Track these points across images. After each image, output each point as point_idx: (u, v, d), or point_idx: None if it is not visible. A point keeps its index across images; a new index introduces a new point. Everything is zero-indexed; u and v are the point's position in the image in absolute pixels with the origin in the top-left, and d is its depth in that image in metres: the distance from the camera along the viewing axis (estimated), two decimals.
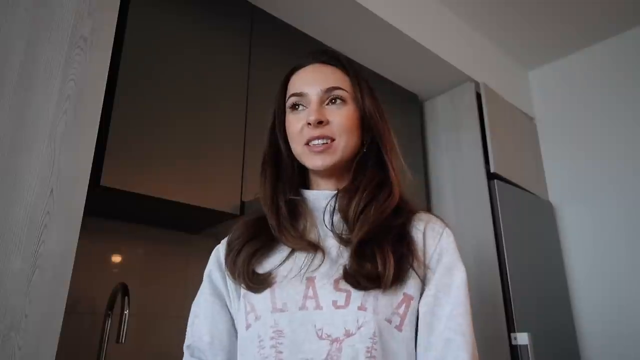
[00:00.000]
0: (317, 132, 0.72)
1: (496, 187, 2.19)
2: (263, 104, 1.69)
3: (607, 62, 2.59)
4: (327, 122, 0.72)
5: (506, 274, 2.05)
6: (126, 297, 1.39)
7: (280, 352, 0.62)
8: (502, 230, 2.11)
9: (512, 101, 2.62)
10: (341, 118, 0.73)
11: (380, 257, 0.65)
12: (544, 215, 2.49)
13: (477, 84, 2.43)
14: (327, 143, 0.72)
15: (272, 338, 0.63)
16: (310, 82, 0.75)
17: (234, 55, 1.70)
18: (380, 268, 0.64)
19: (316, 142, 0.72)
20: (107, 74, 1.23)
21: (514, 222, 2.21)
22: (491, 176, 2.25)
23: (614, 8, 2.38)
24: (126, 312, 1.36)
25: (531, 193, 2.48)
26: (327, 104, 0.74)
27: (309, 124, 0.71)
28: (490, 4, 2.36)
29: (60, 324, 1.01)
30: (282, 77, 0.82)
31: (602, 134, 2.51)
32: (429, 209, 2.34)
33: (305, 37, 2.00)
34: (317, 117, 0.71)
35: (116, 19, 1.28)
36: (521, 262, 2.15)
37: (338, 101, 0.74)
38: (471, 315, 0.68)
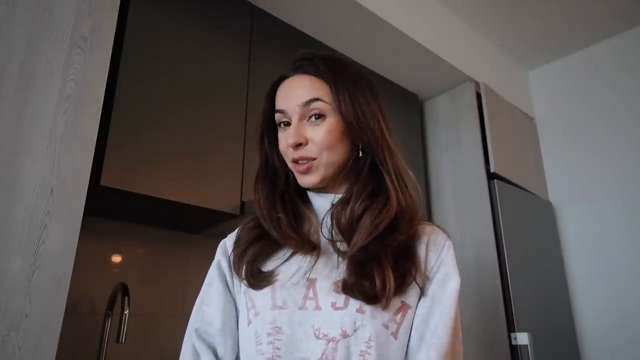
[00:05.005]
0: (298, 154, 0.71)
1: (496, 187, 2.19)
2: (263, 104, 1.69)
3: (607, 61, 2.59)
4: (307, 142, 0.71)
5: (506, 274, 2.05)
6: (126, 297, 1.39)
7: (278, 349, 0.62)
8: (502, 230, 2.11)
9: (512, 101, 2.62)
10: (320, 135, 0.71)
11: (379, 275, 0.64)
12: (544, 215, 2.49)
13: (477, 84, 2.43)
14: (309, 162, 0.71)
15: (269, 334, 0.63)
16: (288, 97, 0.74)
17: (234, 55, 1.70)
18: (378, 287, 0.63)
19: (301, 161, 0.72)
20: (107, 74, 1.23)
21: (514, 222, 2.21)
22: (491, 176, 2.25)
23: (614, 8, 2.38)
24: (126, 312, 1.36)
25: (531, 193, 2.48)
26: (309, 120, 0.72)
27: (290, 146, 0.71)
28: (491, 4, 2.35)
29: (60, 324, 1.01)
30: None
31: (602, 133, 2.51)
32: (429, 209, 2.36)
33: (305, 37, 2.00)
34: (295, 140, 0.70)
35: (116, 19, 1.28)
36: (521, 262, 2.15)
37: (318, 117, 0.71)
38: (455, 321, 0.68)
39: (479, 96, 2.40)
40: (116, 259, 1.59)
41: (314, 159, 0.71)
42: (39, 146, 1.07)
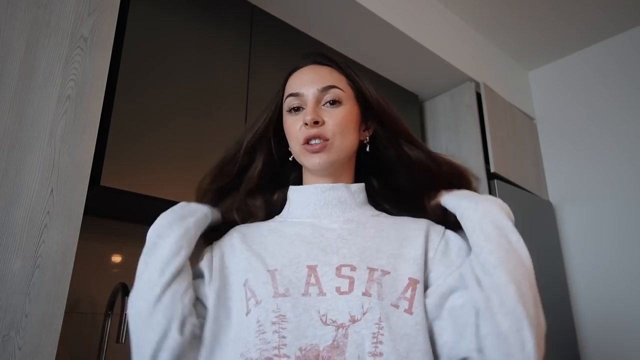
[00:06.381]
0: (314, 131, 0.73)
1: (496, 187, 2.19)
2: (263, 103, 1.69)
3: (606, 62, 2.59)
4: (323, 123, 0.74)
5: None
6: (126, 297, 1.39)
7: (284, 337, 0.61)
8: None
9: (512, 101, 2.62)
10: (336, 119, 0.74)
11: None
12: (544, 215, 2.49)
13: (477, 84, 2.43)
14: (322, 142, 0.73)
15: (274, 323, 0.62)
16: (307, 82, 0.77)
17: (234, 55, 1.70)
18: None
19: (313, 141, 0.74)
20: (107, 74, 1.23)
21: (514, 222, 2.20)
22: (491, 176, 2.25)
23: (614, 8, 2.38)
24: (126, 312, 1.36)
25: (531, 193, 2.48)
26: (324, 105, 0.75)
27: (306, 123, 0.73)
28: (491, 4, 2.36)
29: (60, 323, 1.01)
30: (282, 76, 0.83)
31: (602, 133, 2.51)
32: None
33: (305, 37, 2.00)
34: (313, 117, 0.73)
35: (116, 19, 1.28)
36: None
37: (334, 102, 0.75)
38: None
39: (479, 96, 2.40)
40: (116, 259, 1.59)
41: (328, 139, 0.73)
42: (39, 146, 1.07)
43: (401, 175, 0.79)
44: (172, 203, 1.39)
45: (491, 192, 2.20)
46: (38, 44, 1.12)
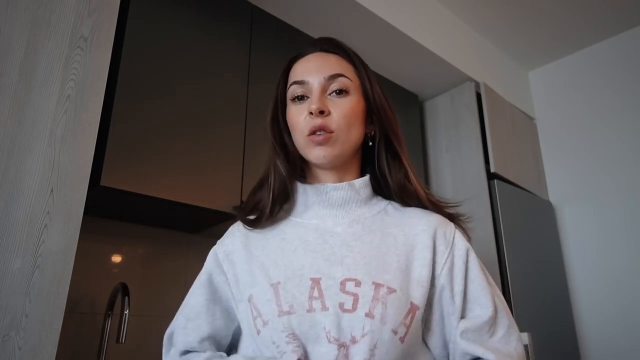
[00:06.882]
0: (319, 121, 0.69)
1: (496, 187, 2.19)
2: (263, 103, 1.69)
3: (607, 62, 2.59)
4: (329, 113, 0.69)
5: (506, 274, 2.05)
6: (126, 297, 1.39)
7: (302, 352, 0.61)
8: (502, 230, 2.11)
9: (512, 101, 2.62)
10: (343, 109, 0.70)
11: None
12: (544, 215, 2.49)
13: (477, 84, 2.43)
14: (326, 134, 0.69)
15: (288, 343, 0.61)
16: (313, 70, 0.73)
17: (234, 54, 1.70)
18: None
19: (318, 132, 0.69)
20: (107, 74, 1.23)
21: (514, 222, 2.21)
22: (491, 176, 2.25)
23: (614, 8, 2.38)
24: (126, 312, 1.36)
25: (531, 193, 2.48)
26: (330, 94, 0.71)
27: (311, 113, 0.69)
28: (491, 4, 2.36)
29: (61, 323, 1.01)
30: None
31: (602, 133, 2.51)
32: None
33: (305, 37, 2.00)
34: (319, 106, 0.68)
35: (116, 19, 1.28)
36: (521, 262, 2.15)
37: (341, 92, 0.71)
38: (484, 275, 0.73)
39: (479, 96, 2.40)
40: (116, 259, 1.59)
41: (332, 131, 0.69)
42: (39, 146, 1.07)
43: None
44: (172, 203, 1.40)
45: (491, 192, 2.20)
46: (38, 44, 1.12)
